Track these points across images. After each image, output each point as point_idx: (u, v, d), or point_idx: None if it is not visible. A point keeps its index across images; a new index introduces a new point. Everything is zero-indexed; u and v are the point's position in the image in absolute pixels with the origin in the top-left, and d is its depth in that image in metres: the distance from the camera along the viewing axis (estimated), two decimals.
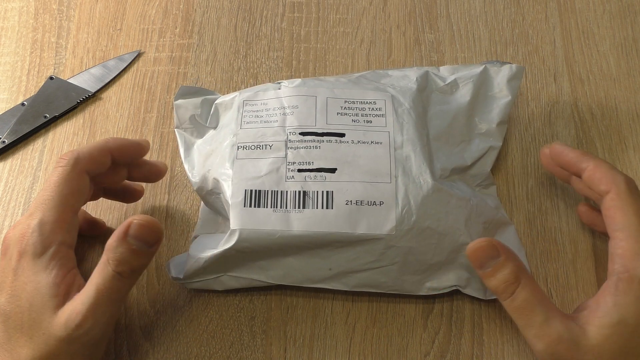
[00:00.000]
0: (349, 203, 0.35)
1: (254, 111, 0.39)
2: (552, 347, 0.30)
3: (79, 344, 0.30)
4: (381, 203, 0.35)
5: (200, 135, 0.41)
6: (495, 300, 0.37)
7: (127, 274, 0.31)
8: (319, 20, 0.48)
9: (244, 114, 0.38)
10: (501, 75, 0.41)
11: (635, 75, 0.45)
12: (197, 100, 0.41)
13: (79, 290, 0.32)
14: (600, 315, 0.30)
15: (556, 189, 0.41)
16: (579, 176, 0.35)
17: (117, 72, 0.46)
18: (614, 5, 0.48)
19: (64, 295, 0.31)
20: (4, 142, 0.43)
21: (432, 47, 0.47)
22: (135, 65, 0.46)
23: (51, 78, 0.46)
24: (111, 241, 0.31)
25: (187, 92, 0.42)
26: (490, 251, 0.32)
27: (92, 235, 0.40)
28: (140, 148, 0.37)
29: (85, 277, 0.33)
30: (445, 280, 0.36)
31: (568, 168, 0.36)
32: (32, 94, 0.45)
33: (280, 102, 0.38)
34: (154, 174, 0.39)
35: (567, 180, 0.38)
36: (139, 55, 0.47)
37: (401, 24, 0.48)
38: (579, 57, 0.46)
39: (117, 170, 0.37)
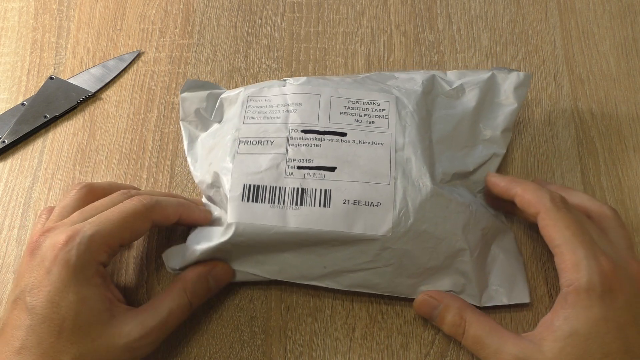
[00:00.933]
0: (347, 202, 0.35)
1: (257, 107, 0.39)
2: None
3: (130, 354, 0.32)
4: (379, 204, 0.35)
5: (205, 128, 0.41)
6: (491, 306, 0.37)
7: (196, 304, 0.35)
8: (319, 20, 0.48)
9: (247, 110, 0.39)
10: (508, 82, 0.40)
11: (635, 75, 0.45)
12: (203, 94, 0.41)
13: (120, 301, 0.33)
14: (553, 329, 0.31)
15: None
16: (513, 204, 0.36)
17: (117, 72, 0.46)
18: (614, 5, 0.48)
19: (111, 308, 0.32)
20: (4, 142, 0.43)
21: (432, 47, 0.47)
22: (135, 65, 0.46)
23: (51, 78, 0.46)
24: (192, 275, 0.35)
25: (194, 86, 0.42)
26: (431, 301, 0.35)
27: None
28: (204, 220, 0.37)
29: None
30: (440, 285, 0.36)
31: (502, 197, 0.36)
32: (32, 94, 0.45)
33: (284, 99, 0.38)
34: (198, 221, 0.38)
35: (513, 213, 0.39)
36: (139, 55, 0.47)
37: (401, 24, 0.48)
38: (579, 57, 0.46)
39: None
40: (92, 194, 0.36)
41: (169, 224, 0.36)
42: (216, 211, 0.38)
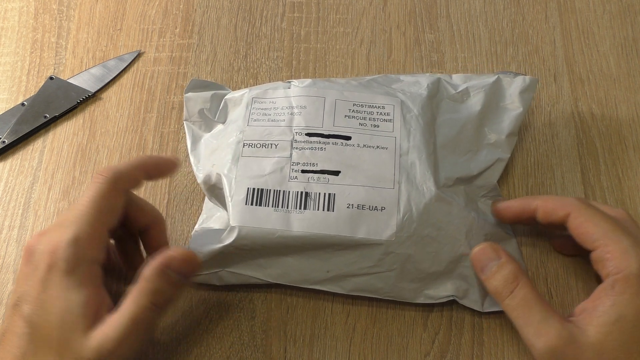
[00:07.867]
0: (351, 207, 0.35)
1: (262, 109, 0.39)
2: (551, 344, 0.31)
3: None
4: (382, 208, 0.35)
5: (209, 129, 0.41)
6: (492, 312, 0.37)
7: (162, 304, 0.32)
8: (319, 20, 0.48)
9: (252, 111, 0.39)
10: (514, 87, 0.40)
11: (635, 75, 0.45)
12: (207, 94, 0.41)
13: (107, 309, 0.31)
14: (599, 315, 0.31)
15: (556, 188, 0.41)
16: (533, 218, 0.36)
17: (117, 72, 0.46)
18: (614, 5, 0.48)
19: (93, 315, 0.31)
20: (4, 142, 0.43)
21: (432, 47, 0.47)
22: (135, 65, 0.46)
23: (51, 78, 0.46)
24: (148, 272, 0.31)
25: (198, 86, 0.42)
26: (491, 253, 0.34)
27: None
28: (172, 165, 0.36)
29: None
30: (442, 290, 0.36)
31: (520, 217, 0.36)
32: (32, 94, 0.45)
33: (288, 101, 0.38)
34: (167, 169, 0.36)
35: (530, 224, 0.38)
36: (139, 55, 0.47)
37: (401, 24, 0.48)
38: (579, 57, 0.46)
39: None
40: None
41: (141, 185, 0.35)
42: (218, 212, 0.38)
